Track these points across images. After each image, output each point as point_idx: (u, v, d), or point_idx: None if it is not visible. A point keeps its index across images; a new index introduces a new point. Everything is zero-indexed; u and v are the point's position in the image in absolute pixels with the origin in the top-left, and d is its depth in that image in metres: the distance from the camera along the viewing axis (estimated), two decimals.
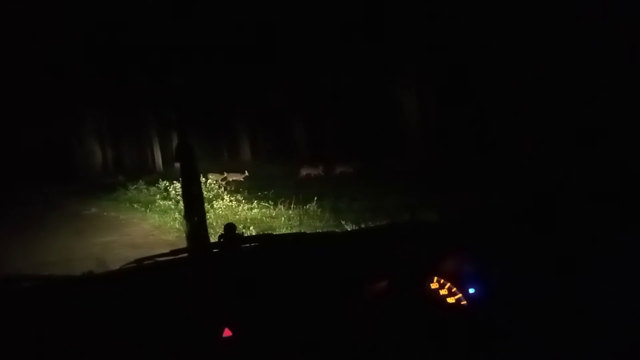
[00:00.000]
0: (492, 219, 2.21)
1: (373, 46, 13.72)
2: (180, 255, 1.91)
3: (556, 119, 9.17)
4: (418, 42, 13.17)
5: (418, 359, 1.54)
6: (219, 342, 1.51)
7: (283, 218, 9.67)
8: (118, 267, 1.89)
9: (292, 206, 10.34)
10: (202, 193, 1.26)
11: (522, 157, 9.55)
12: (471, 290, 1.74)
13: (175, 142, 22.93)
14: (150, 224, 11.28)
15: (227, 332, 1.52)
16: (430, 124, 14.71)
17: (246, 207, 10.96)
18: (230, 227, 1.92)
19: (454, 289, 1.76)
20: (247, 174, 16.78)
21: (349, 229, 7.81)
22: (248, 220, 9.73)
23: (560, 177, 7.70)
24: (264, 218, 9.99)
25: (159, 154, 25.00)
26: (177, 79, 7.77)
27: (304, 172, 16.28)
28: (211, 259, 1.90)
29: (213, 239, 1.96)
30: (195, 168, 1.30)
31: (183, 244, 3.56)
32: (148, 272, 1.83)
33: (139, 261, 1.88)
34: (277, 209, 10.49)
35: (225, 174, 16.22)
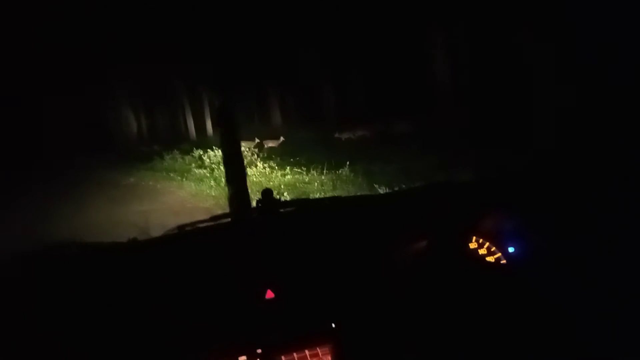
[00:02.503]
0: (530, 176, 2.16)
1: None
2: (221, 221, 1.94)
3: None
4: None
5: (457, 318, 1.55)
6: (262, 303, 1.55)
7: (316, 183, 9.72)
8: (160, 234, 1.94)
9: (324, 171, 10.37)
10: (242, 157, 1.27)
11: (560, 117, 9.15)
12: (511, 250, 1.72)
13: (207, 109, 23.07)
14: (187, 192, 11.50)
15: (269, 294, 1.56)
16: (463, 81, 14.33)
17: (279, 173, 11.04)
18: (267, 193, 1.94)
19: (493, 248, 1.75)
20: (282, 139, 16.72)
21: (382, 192, 7.81)
22: (282, 187, 9.83)
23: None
24: (297, 184, 10.06)
25: (192, 121, 25.23)
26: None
27: (343, 136, 15.78)
28: (251, 224, 1.94)
29: None
30: (236, 132, 1.30)
31: (219, 211, 3.63)
32: (190, 238, 1.87)
33: (181, 228, 1.92)
34: (309, 175, 10.54)
35: (259, 141, 16.22)
